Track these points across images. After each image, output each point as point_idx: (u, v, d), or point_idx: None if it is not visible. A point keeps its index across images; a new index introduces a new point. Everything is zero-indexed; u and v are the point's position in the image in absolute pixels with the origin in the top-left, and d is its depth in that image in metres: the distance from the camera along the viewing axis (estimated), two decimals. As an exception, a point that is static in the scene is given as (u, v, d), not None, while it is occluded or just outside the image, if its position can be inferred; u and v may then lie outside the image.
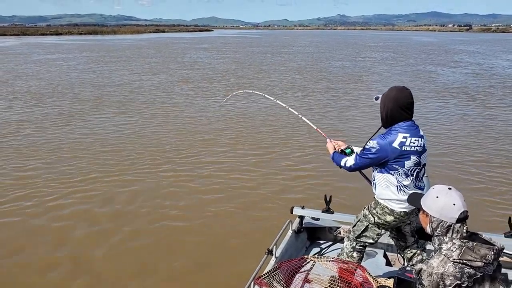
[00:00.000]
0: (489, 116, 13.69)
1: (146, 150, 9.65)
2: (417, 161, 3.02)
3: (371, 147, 3.01)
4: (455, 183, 5.40)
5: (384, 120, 3.09)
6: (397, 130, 2.99)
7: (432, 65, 31.47)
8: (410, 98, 3.00)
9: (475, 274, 2.01)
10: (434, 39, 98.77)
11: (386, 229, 3.29)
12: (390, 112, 3.00)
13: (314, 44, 68.13)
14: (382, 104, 3.05)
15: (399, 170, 3.00)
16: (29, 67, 28.44)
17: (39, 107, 14.59)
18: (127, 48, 51.38)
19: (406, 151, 2.96)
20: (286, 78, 22.93)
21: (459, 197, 2.10)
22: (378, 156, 2.98)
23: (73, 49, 49.92)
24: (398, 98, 2.98)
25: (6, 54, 41.01)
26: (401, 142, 2.94)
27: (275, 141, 10.59)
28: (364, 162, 3.08)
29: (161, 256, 5.39)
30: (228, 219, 6.44)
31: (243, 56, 40.26)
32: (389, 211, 3.11)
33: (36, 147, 9.85)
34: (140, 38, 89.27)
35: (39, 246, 5.64)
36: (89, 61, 32.95)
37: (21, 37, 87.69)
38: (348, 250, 3.40)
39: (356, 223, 3.37)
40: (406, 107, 2.98)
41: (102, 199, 7.10)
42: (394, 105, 2.97)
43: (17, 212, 6.56)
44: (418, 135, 3.02)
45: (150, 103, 15.48)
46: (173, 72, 25.94)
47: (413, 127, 3.02)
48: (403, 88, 3.04)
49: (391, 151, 2.95)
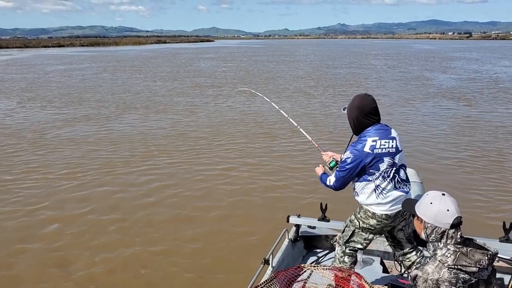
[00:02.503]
0: (484, 118, 14.51)
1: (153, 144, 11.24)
2: (391, 162, 3.09)
3: (346, 158, 3.09)
4: (448, 189, 5.82)
5: (353, 129, 3.20)
6: (366, 135, 3.08)
7: (432, 71, 32.90)
8: (373, 104, 3.11)
9: (470, 279, 2.03)
10: (435, 46, 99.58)
11: (374, 234, 3.31)
12: (356, 120, 3.11)
13: (316, 53, 69.74)
14: (348, 113, 3.17)
15: (375, 173, 3.07)
16: (51, 76, 30.27)
17: (77, 109, 16.28)
18: (135, 59, 53.10)
19: (378, 153, 3.04)
20: (292, 85, 24.53)
21: (452, 203, 2.11)
22: (354, 164, 3.05)
23: (85, 60, 51.83)
24: (361, 106, 3.09)
25: (23, 65, 42.92)
26: (372, 145, 3.02)
27: (271, 150, 10.67)
28: (344, 175, 3.12)
29: (154, 266, 5.38)
30: (225, 227, 6.45)
31: (249, 65, 41.67)
32: (371, 214, 3.19)
33: (99, 139, 11.51)
34: (144, 49, 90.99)
35: (125, 206, 7.21)
36: (104, 71, 34.78)
37: (31, 49, 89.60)
38: (339, 255, 3.46)
39: (344, 228, 3.45)
40: (370, 112, 3.08)
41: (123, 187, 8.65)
42: (359, 113, 3.08)
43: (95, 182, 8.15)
44: (389, 137, 3.10)
45: (173, 104, 17.21)
46: (185, 79, 27.68)
47: (381, 130, 3.11)
48: (365, 96, 3.15)
49: (365, 156, 3.02)
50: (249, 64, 43.22)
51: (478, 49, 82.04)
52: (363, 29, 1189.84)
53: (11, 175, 8.74)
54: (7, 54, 68.09)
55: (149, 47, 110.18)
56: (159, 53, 68.97)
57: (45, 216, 6.85)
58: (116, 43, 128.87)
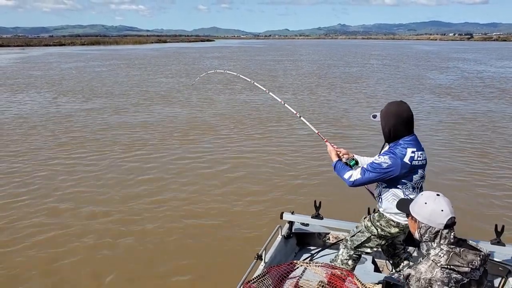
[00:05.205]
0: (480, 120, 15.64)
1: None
2: (422, 174, 3.06)
3: (383, 162, 2.97)
4: (443, 189, 5.81)
5: (387, 137, 3.08)
6: (405, 145, 2.99)
7: (434, 70, 34.50)
8: (410, 112, 3.02)
9: (462, 279, 2.05)
10: (436, 47, 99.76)
11: (387, 240, 3.31)
12: (393, 127, 3.00)
13: (317, 53, 71.16)
14: (384, 121, 3.05)
15: (408, 184, 3.02)
16: (68, 72, 32.15)
17: (106, 101, 18.17)
18: (142, 57, 54.52)
19: (415, 165, 2.98)
20: (298, 81, 26.33)
21: (447, 203, 2.12)
22: (390, 171, 2.96)
23: (94, 58, 53.67)
24: (399, 113, 2.99)
25: (38, 62, 44.73)
26: (411, 157, 2.95)
27: (267, 144, 11.06)
28: (372, 177, 3.02)
29: (147, 262, 5.46)
30: (218, 223, 6.53)
31: (254, 64, 42.94)
32: (395, 223, 3.14)
33: (130, 124, 13.36)
34: (147, 48, 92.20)
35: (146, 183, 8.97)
36: (118, 68, 36.72)
37: (33, 48, 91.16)
38: (344, 257, 3.43)
39: (355, 233, 3.38)
40: (409, 120, 3.00)
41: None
42: (397, 121, 2.98)
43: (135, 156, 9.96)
44: (422, 149, 3.05)
45: (190, 95, 19.10)
46: (195, 76, 29.35)
47: (417, 141, 3.04)
48: (401, 103, 3.05)
49: (402, 167, 2.95)
50: (254, 62, 44.70)
51: (480, 50, 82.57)
52: (364, 30, 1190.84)
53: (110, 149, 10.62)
54: (18, 52, 69.98)
55: (150, 46, 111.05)
56: (163, 52, 70.41)
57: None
58: (117, 42, 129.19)
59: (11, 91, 21.60)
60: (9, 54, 64.54)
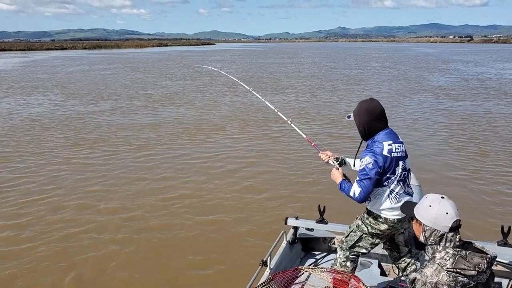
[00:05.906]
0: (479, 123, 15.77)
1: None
2: (404, 167, 3.08)
3: (367, 164, 3.00)
4: (447, 191, 5.83)
5: (363, 134, 3.15)
6: (380, 140, 3.05)
7: (434, 72, 34.83)
8: (380, 107, 3.11)
9: (469, 283, 2.03)
10: (436, 50, 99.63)
11: (380, 238, 3.29)
12: (367, 124, 3.08)
13: (319, 55, 71.49)
14: (357, 119, 3.13)
15: (391, 177, 3.04)
16: (74, 76, 32.63)
17: (113, 103, 18.63)
18: (145, 61, 54.82)
19: (394, 157, 3.02)
20: (299, 83, 26.73)
21: (451, 206, 2.11)
22: (377, 169, 2.98)
23: (98, 61, 54.21)
24: (370, 109, 3.08)
25: (43, 66, 45.30)
26: (389, 149, 3.00)
27: (268, 150, 10.95)
28: (369, 184, 3.01)
29: (150, 268, 5.38)
30: (222, 229, 6.46)
31: (256, 67, 43.21)
32: (383, 219, 3.15)
33: (144, 123, 13.81)
34: (149, 52, 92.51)
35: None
36: (122, 71, 37.17)
37: (35, 52, 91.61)
38: (341, 260, 3.42)
39: (349, 233, 3.40)
40: (381, 115, 3.08)
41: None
42: (370, 117, 3.07)
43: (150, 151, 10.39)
44: (399, 141, 3.09)
45: (196, 97, 19.54)
46: (198, 79, 29.91)
47: (392, 134, 3.10)
48: (371, 100, 3.15)
49: (384, 160, 2.98)
50: (256, 65, 45.05)
51: (483, 52, 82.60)
52: (364, 33, 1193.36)
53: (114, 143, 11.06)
54: (21, 56, 70.58)
55: (152, 49, 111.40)
56: (166, 56, 70.83)
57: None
58: (118, 46, 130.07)
59: (20, 94, 22.05)
60: (12, 58, 65.10)
